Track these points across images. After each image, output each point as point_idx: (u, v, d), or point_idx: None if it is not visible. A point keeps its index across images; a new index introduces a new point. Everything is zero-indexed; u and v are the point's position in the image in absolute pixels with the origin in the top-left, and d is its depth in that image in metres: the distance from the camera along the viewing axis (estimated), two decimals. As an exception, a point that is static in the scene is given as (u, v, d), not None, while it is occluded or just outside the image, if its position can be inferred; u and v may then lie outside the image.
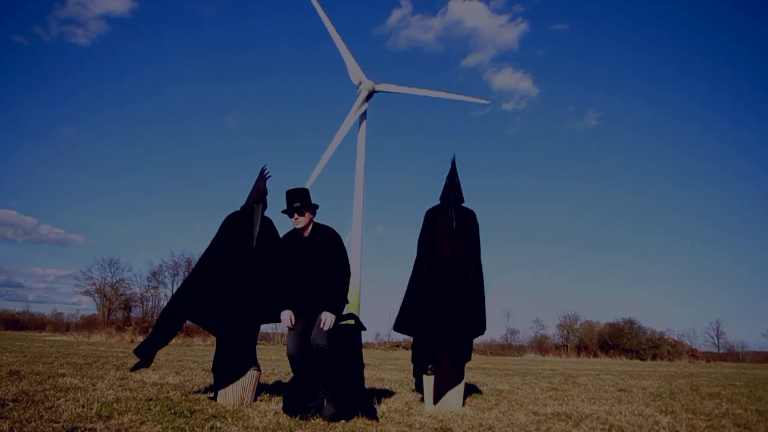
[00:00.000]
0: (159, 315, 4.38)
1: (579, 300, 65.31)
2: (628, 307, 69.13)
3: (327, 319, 3.73)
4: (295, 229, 4.07)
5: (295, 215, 3.98)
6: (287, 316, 3.87)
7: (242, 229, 4.32)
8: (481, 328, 4.66)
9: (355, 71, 26.12)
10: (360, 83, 25.97)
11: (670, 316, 66.20)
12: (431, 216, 4.82)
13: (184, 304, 4.28)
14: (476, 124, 59.96)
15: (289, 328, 3.88)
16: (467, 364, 4.74)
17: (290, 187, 4.05)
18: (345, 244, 4.17)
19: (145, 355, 4.20)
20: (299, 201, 3.96)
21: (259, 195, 4.38)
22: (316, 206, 4.09)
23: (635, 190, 59.36)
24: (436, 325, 4.46)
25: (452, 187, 4.76)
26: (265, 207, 4.41)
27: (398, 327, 4.74)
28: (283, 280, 3.99)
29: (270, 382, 5.99)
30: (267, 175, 4.48)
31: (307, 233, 4.05)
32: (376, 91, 26.17)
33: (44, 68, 56.40)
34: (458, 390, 4.41)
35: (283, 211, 4.02)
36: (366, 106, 25.96)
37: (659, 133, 59.83)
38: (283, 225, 4.45)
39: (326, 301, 3.83)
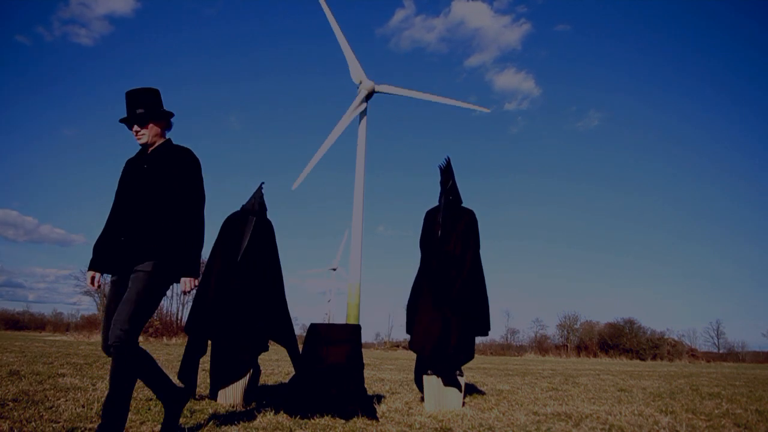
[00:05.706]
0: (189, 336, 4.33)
1: (579, 300, 65.37)
2: (628, 307, 69.15)
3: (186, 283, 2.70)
4: (140, 150, 2.92)
5: (135, 126, 2.81)
6: (90, 276, 2.75)
7: (235, 238, 4.43)
8: (484, 329, 4.66)
9: (356, 70, 26.02)
10: (360, 83, 25.91)
11: (670, 316, 66.25)
12: (431, 216, 4.82)
13: (208, 324, 4.27)
14: (478, 124, 60.20)
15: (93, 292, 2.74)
16: (467, 364, 4.74)
17: (132, 88, 2.83)
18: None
19: (188, 381, 4.20)
20: (142, 106, 2.79)
21: (253, 210, 4.53)
22: (169, 114, 2.90)
23: (636, 190, 59.49)
24: (439, 324, 4.46)
25: (444, 192, 4.77)
26: (261, 218, 4.54)
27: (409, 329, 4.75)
28: (107, 221, 2.80)
29: (270, 382, 5.99)
30: (262, 192, 4.63)
31: (150, 152, 2.86)
32: (376, 92, 26.11)
33: (47, 68, 56.54)
34: (458, 390, 4.41)
35: (121, 120, 2.85)
36: (364, 105, 25.90)
37: (661, 134, 59.87)
38: (283, 226, 4.48)
39: (158, 251, 2.62)
